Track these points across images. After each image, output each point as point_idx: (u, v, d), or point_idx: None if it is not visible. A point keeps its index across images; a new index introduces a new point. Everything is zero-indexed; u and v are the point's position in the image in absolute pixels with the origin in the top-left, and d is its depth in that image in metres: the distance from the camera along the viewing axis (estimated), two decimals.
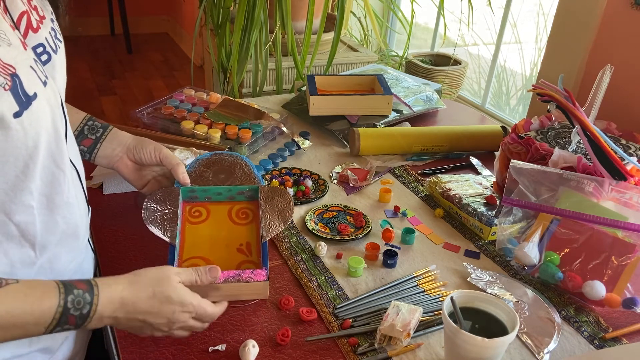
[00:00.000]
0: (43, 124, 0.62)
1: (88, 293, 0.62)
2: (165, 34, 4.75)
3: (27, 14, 0.66)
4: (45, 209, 0.67)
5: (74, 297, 0.61)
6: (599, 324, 0.84)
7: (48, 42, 0.69)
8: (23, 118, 0.58)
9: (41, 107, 0.61)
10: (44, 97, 0.62)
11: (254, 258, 0.89)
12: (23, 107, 0.58)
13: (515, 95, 2.77)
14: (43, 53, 0.68)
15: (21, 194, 0.63)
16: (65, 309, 0.60)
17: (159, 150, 0.92)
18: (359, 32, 2.61)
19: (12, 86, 0.57)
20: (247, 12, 1.75)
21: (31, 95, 0.60)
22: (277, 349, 0.77)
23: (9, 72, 0.57)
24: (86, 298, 0.62)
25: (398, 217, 1.07)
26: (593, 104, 1.01)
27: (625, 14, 1.35)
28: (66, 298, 0.60)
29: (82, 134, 0.91)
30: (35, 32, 0.67)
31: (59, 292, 0.60)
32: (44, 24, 0.70)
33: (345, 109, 1.39)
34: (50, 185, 0.67)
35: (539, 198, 0.93)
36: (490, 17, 2.40)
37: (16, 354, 0.69)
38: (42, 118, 0.62)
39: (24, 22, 0.65)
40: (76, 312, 0.61)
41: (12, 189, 0.62)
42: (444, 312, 0.70)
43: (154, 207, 0.89)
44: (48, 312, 0.59)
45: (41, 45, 0.68)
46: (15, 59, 0.59)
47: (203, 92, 1.41)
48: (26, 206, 0.64)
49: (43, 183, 0.66)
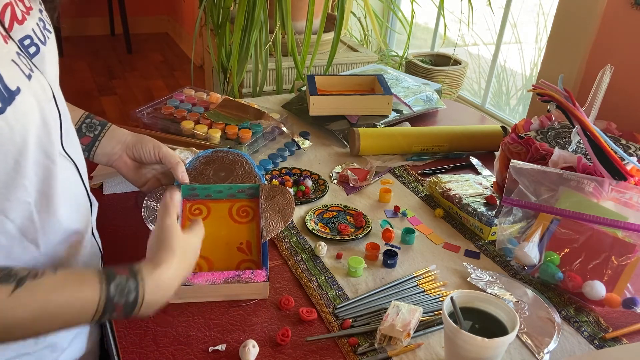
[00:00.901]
0: (30, 119, 0.61)
1: (132, 278, 0.61)
2: (165, 34, 4.75)
3: (11, 6, 0.64)
4: (42, 205, 0.66)
5: (116, 283, 0.60)
6: (599, 324, 0.84)
7: (35, 34, 0.67)
8: (7, 114, 0.57)
9: (26, 102, 0.60)
10: (29, 91, 0.61)
11: (254, 257, 0.89)
12: (6, 103, 0.57)
13: (515, 95, 2.77)
14: (31, 45, 0.66)
15: (15, 191, 0.62)
16: (108, 297, 0.59)
17: (159, 148, 0.92)
18: (359, 32, 2.61)
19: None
20: (247, 12, 1.76)
21: (14, 90, 0.58)
22: (277, 349, 0.77)
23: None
24: (130, 284, 0.61)
25: (398, 217, 1.07)
26: (593, 104, 1.01)
27: (625, 14, 1.35)
28: (109, 284, 0.59)
29: (80, 132, 0.90)
30: (20, 23, 0.65)
31: (101, 280, 0.59)
32: (31, 14, 0.67)
33: (345, 109, 1.39)
34: (46, 180, 0.66)
35: (539, 198, 0.93)
36: (490, 17, 2.40)
37: (22, 352, 0.69)
38: (29, 112, 0.60)
39: (8, 14, 0.63)
40: (121, 300, 0.60)
41: (4, 186, 0.61)
42: (444, 312, 0.70)
43: (154, 206, 0.89)
44: (92, 301, 0.59)
45: (28, 37, 0.66)
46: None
47: (203, 92, 1.41)
48: (22, 202, 0.63)
49: (38, 178, 0.65)
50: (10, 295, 0.54)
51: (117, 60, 4.14)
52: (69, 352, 0.76)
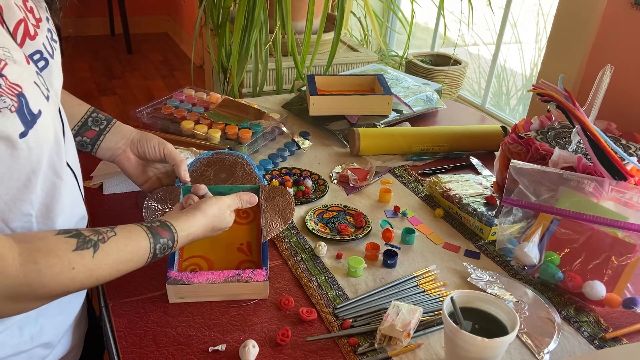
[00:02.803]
0: (46, 139, 0.62)
1: (170, 240, 0.73)
2: (165, 34, 4.75)
3: (24, 22, 0.64)
4: (42, 216, 0.67)
5: (161, 245, 0.72)
6: (599, 324, 0.84)
7: (45, 48, 0.67)
8: (28, 137, 0.58)
9: (45, 124, 0.61)
10: (48, 114, 0.62)
11: (254, 257, 0.89)
12: (28, 127, 0.58)
13: (515, 95, 2.77)
14: (40, 59, 0.66)
15: (21, 204, 0.63)
16: (154, 254, 0.71)
17: (163, 145, 0.92)
18: (359, 32, 2.61)
19: (19, 107, 0.56)
20: (247, 12, 1.76)
21: (36, 113, 0.59)
22: (277, 349, 0.77)
23: (16, 92, 0.56)
24: (169, 244, 0.73)
25: (398, 217, 1.07)
26: (593, 104, 1.01)
27: (625, 14, 1.35)
28: (155, 245, 0.71)
29: (85, 125, 0.91)
30: (32, 39, 0.65)
31: (149, 241, 0.70)
32: (41, 27, 0.68)
33: (345, 109, 1.39)
34: (51, 194, 0.67)
35: (539, 198, 0.93)
36: (490, 17, 2.40)
37: (19, 350, 0.70)
38: (46, 134, 0.62)
39: (21, 31, 0.63)
40: (160, 253, 0.72)
41: (12, 199, 0.62)
42: (444, 312, 0.70)
43: (155, 206, 0.89)
44: (144, 256, 0.70)
45: (38, 52, 0.66)
46: (22, 76, 0.58)
47: (203, 92, 1.41)
48: (24, 214, 0.64)
49: (43, 192, 0.66)
50: (93, 257, 0.63)
51: (117, 60, 4.14)
52: (59, 348, 0.78)
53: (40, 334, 0.72)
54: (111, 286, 0.85)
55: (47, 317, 0.73)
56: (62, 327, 0.77)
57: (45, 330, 0.73)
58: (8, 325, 0.68)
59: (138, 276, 0.86)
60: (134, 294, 0.85)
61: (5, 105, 0.55)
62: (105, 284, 0.84)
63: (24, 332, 0.70)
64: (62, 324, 0.77)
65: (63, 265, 0.60)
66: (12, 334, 0.69)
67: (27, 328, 0.70)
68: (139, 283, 0.86)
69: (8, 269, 0.56)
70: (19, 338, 0.69)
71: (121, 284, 0.84)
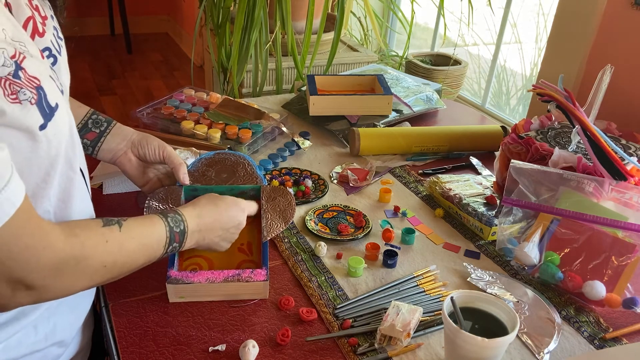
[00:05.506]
0: (63, 133, 0.63)
1: (176, 213, 0.76)
2: (165, 34, 4.75)
3: (33, 19, 0.65)
4: (60, 213, 0.68)
5: (171, 217, 0.75)
6: (599, 324, 0.84)
7: (53, 45, 0.68)
8: (47, 130, 0.59)
9: (62, 117, 0.62)
10: (64, 107, 0.63)
11: (255, 258, 0.89)
12: (47, 119, 0.59)
13: (515, 95, 2.77)
14: (50, 56, 0.67)
15: (40, 201, 0.64)
16: (170, 227, 0.73)
17: (163, 148, 0.93)
18: (359, 32, 2.61)
19: (38, 99, 0.57)
20: (247, 12, 1.75)
21: (54, 106, 0.60)
22: (277, 349, 0.77)
23: (35, 84, 0.57)
24: (177, 217, 0.76)
25: (398, 217, 1.07)
26: (593, 104, 1.01)
27: (625, 14, 1.35)
28: (167, 219, 0.74)
29: (85, 127, 0.91)
30: (41, 36, 0.66)
31: (160, 216, 0.74)
32: (47, 25, 0.68)
33: (345, 109, 1.39)
34: (67, 190, 0.68)
35: (539, 198, 0.93)
36: (490, 17, 2.40)
37: (34, 349, 0.71)
38: (62, 127, 0.63)
39: (30, 28, 0.64)
40: (177, 229, 0.75)
41: (32, 196, 0.62)
42: (444, 312, 0.70)
43: (156, 206, 0.89)
44: (161, 234, 0.72)
45: (47, 49, 0.67)
46: (39, 69, 0.59)
47: (203, 92, 1.41)
48: (43, 211, 0.65)
49: (60, 188, 0.67)
50: (120, 232, 0.67)
51: (117, 60, 4.14)
52: (72, 347, 0.79)
53: (53, 332, 0.73)
54: (111, 286, 0.85)
55: (60, 315, 0.74)
56: (74, 326, 0.78)
57: (59, 329, 0.74)
58: (24, 325, 0.69)
59: (138, 276, 0.85)
60: (134, 293, 0.85)
61: (26, 97, 0.56)
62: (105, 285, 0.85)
63: (39, 331, 0.71)
64: (74, 323, 0.78)
65: (98, 238, 0.64)
66: (28, 333, 0.70)
67: (42, 327, 0.71)
68: (139, 283, 0.86)
69: (55, 243, 0.59)
70: (34, 337, 0.70)
71: (121, 283, 0.84)
